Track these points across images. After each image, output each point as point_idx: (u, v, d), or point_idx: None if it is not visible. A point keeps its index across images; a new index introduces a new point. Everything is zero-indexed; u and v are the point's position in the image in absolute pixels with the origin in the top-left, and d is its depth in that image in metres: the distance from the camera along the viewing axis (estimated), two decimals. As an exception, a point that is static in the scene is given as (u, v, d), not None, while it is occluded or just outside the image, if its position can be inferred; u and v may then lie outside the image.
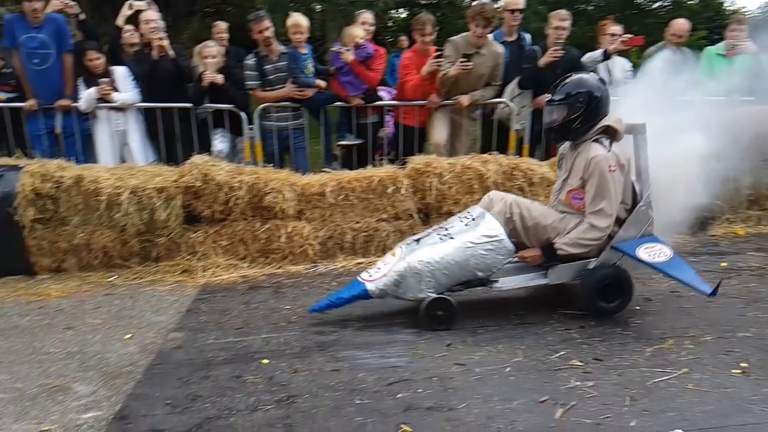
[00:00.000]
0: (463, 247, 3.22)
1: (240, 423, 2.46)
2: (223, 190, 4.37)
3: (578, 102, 3.19)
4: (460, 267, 3.22)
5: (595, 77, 3.35)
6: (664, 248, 3.19)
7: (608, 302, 3.27)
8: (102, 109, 5.02)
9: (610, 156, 3.13)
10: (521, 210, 3.30)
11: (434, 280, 3.22)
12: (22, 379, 2.85)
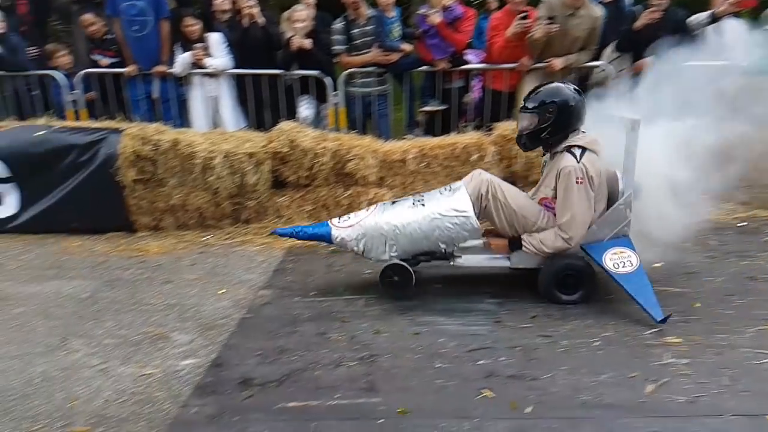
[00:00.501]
0: (431, 217, 3.16)
1: (324, 376, 2.55)
2: (308, 156, 4.46)
3: (548, 112, 3.08)
4: (424, 236, 3.17)
5: (570, 88, 3.14)
6: (631, 257, 3.02)
7: (568, 293, 3.13)
8: (196, 74, 5.22)
9: (577, 167, 2.99)
10: (496, 191, 3.20)
11: (398, 244, 3.20)
12: (126, 327, 3.09)
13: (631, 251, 3.05)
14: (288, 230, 3.48)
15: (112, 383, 2.54)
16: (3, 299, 3.41)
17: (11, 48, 5.16)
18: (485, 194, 3.21)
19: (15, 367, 2.68)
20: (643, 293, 2.91)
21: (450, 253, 3.28)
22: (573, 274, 3.11)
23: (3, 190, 4.55)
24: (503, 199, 3.19)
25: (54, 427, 2.23)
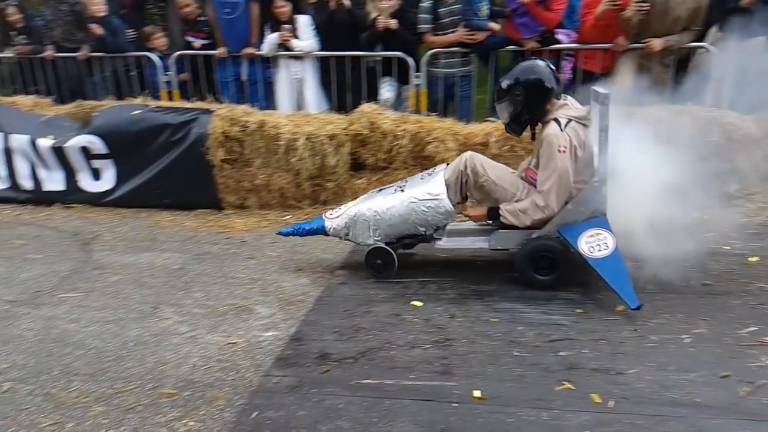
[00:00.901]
0: (407, 202, 3.24)
1: (399, 356, 2.56)
2: (387, 139, 4.45)
3: (517, 96, 3.06)
4: (403, 220, 3.25)
5: (530, 62, 3.18)
6: (607, 239, 2.92)
7: (544, 274, 3.09)
8: (282, 56, 5.33)
9: (561, 136, 2.93)
10: (475, 165, 3.21)
11: (380, 229, 3.29)
12: (213, 298, 3.24)
13: (608, 232, 2.94)
14: (290, 229, 3.60)
15: (199, 350, 2.67)
16: (100, 268, 3.66)
17: (112, 30, 5.47)
18: (464, 170, 3.24)
19: (111, 330, 2.87)
20: (618, 279, 2.82)
21: (431, 236, 3.32)
22: (548, 256, 3.06)
23: (101, 165, 4.86)
24: (482, 171, 3.20)
25: (145, 389, 2.38)
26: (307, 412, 2.19)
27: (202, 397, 2.31)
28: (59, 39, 5.47)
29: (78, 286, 3.38)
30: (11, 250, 3.98)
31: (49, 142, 4.79)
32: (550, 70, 3.07)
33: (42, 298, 3.24)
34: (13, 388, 2.38)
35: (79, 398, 2.30)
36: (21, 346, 2.72)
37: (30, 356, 2.63)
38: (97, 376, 2.46)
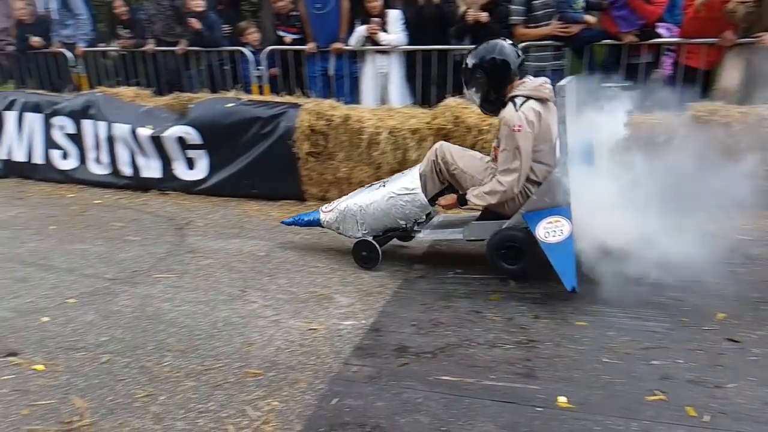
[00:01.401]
0: (387, 197, 3.39)
1: (479, 355, 2.51)
2: (471, 133, 4.37)
3: (478, 79, 3.14)
4: (384, 214, 3.41)
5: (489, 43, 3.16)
6: (564, 226, 2.92)
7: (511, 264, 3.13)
8: (369, 50, 5.36)
9: (516, 115, 2.98)
10: (445, 154, 3.34)
11: (366, 223, 3.46)
12: (296, 285, 3.31)
13: (566, 220, 2.94)
14: (291, 219, 3.85)
15: (282, 334, 2.75)
16: (192, 251, 3.84)
17: (209, 25, 5.71)
18: (436, 159, 3.37)
19: (202, 311, 3.01)
20: (563, 261, 2.85)
21: (411, 229, 3.48)
22: (514, 246, 3.10)
23: (196, 155, 5.11)
24: (452, 159, 3.32)
25: (232, 367, 2.47)
26: (385, 403, 2.19)
27: (285, 379, 2.37)
28: (159, 33, 5.80)
29: (172, 268, 3.57)
30: (112, 232, 4.27)
31: (148, 132, 5.09)
32: (510, 48, 3.13)
33: (139, 277, 3.45)
34: (111, 360, 2.53)
35: (171, 373, 2.42)
36: (119, 322, 2.90)
37: (127, 331, 2.80)
38: (188, 353, 2.58)
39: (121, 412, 2.16)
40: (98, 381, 2.37)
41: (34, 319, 2.90)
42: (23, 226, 4.43)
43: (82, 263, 3.65)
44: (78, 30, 6.14)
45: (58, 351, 2.60)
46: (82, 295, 3.19)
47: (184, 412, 2.16)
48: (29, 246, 3.97)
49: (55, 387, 2.32)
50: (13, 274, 3.48)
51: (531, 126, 2.98)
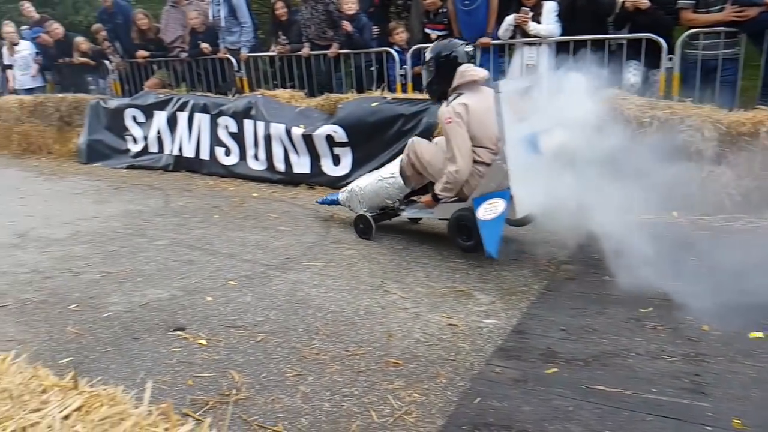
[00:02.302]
0: (377, 180, 3.99)
1: (639, 366, 2.28)
2: (631, 126, 4.04)
3: (430, 67, 3.62)
4: (376, 195, 3.99)
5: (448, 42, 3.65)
6: (500, 206, 3.21)
7: (466, 240, 3.51)
8: (518, 43, 5.18)
9: (446, 110, 3.42)
10: (415, 149, 3.72)
11: (365, 201, 4.04)
12: (434, 279, 3.29)
13: (503, 201, 3.22)
14: (321, 199, 4.48)
15: (421, 326, 2.72)
16: (336, 242, 3.98)
17: (360, 28, 5.89)
18: (409, 153, 3.76)
19: (345, 298, 3.09)
20: (491, 232, 3.17)
21: (398, 207, 3.99)
22: (466, 225, 3.44)
23: (341, 152, 5.32)
24: (420, 153, 3.70)
25: (374, 355, 2.49)
26: (532, 408, 2.07)
27: (425, 372, 2.34)
28: (313, 37, 6.09)
29: (319, 257, 3.72)
30: (266, 222, 4.56)
31: (300, 131, 5.38)
32: (462, 51, 3.54)
33: (290, 264, 3.64)
34: (266, 339, 2.68)
35: (318, 355, 2.51)
36: (273, 304, 3.07)
37: (279, 313, 2.96)
38: (333, 338, 2.66)
39: (274, 389, 2.27)
40: (254, 358, 2.52)
41: (199, 298, 3.18)
42: (191, 214, 4.90)
43: (241, 249, 3.94)
44: (242, 37, 6.67)
45: (220, 328, 2.82)
46: (241, 278, 3.44)
47: (330, 394, 2.22)
48: (196, 232, 4.38)
49: (216, 361, 2.51)
50: (182, 257, 3.85)
51: (459, 116, 3.37)
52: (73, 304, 3.14)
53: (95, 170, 6.97)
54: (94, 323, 2.91)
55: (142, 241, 4.19)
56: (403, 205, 4.00)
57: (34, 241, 4.26)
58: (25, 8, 9.07)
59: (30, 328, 2.87)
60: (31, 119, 7.91)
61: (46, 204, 5.40)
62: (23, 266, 3.74)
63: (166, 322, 2.90)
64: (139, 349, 2.63)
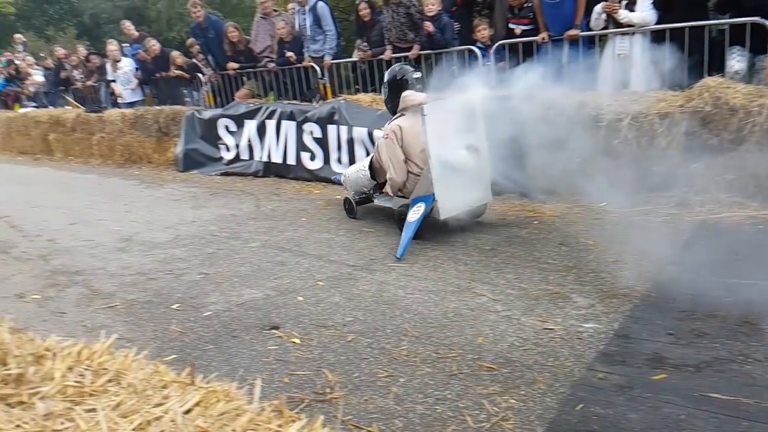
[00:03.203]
0: (357, 170, 4.69)
1: (758, 373, 2.10)
2: (737, 116, 3.75)
3: (385, 88, 4.37)
4: (356, 182, 4.66)
5: (398, 67, 4.39)
6: (421, 210, 3.88)
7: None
8: (610, 34, 4.94)
9: (387, 128, 4.25)
10: (378, 151, 4.34)
11: (350, 185, 4.77)
12: (525, 281, 3.18)
13: (425, 205, 3.87)
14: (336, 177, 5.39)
15: (515, 330, 2.64)
16: (421, 243, 3.94)
17: (441, 27, 5.84)
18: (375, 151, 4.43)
19: (432, 300, 3.05)
20: (406, 234, 3.81)
21: (371, 194, 4.64)
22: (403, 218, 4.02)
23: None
24: (380, 153, 4.28)
25: (466, 358, 2.44)
26: (640, 416, 1.94)
27: (522, 377, 2.26)
28: (394, 40, 6.12)
29: (404, 258, 3.71)
30: (351, 224, 4.62)
31: (382, 133, 5.41)
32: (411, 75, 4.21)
33: (375, 265, 3.66)
34: (356, 339, 2.70)
35: (408, 357, 2.49)
36: (360, 304, 3.09)
37: (367, 313, 2.97)
38: (422, 339, 2.63)
39: (366, 389, 2.28)
40: (345, 358, 2.54)
41: (291, 298, 3.26)
42: (280, 217, 5.05)
43: (328, 250, 4.02)
44: (325, 45, 6.82)
45: (311, 327, 2.87)
46: (329, 278, 3.50)
47: (422, 396, 2.19)
48: (286, 235, 4.51)
49: (309, 360, 2.55)
50: (274, 258, 3.97)
51: (394, 135, 4.08)
52: (176, 303, 3.31)
53: (191, 177, 7.36)
54: (195, 322, 3.05)
55: (237, 244, 4.36)
56: (375, 193, 4.63)
57: (138, 244, 4.56)
58: (126, 26, 9.78)
59: (137, 327, 3.06)
60: (132, 131, 8.48)
61: (148, 210, 5.76)
62: (129, 268, 4.00)
63: (262, 321, 2.99)
64: (238, 347, 2.72)
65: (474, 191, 4.05)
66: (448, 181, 3.83)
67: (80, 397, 0.89)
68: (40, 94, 11.69)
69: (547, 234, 3.87)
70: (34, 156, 10.66)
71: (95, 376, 0.94)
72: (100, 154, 9.17)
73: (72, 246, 4.62)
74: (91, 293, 3.58)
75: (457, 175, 3.86)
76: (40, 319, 3.19)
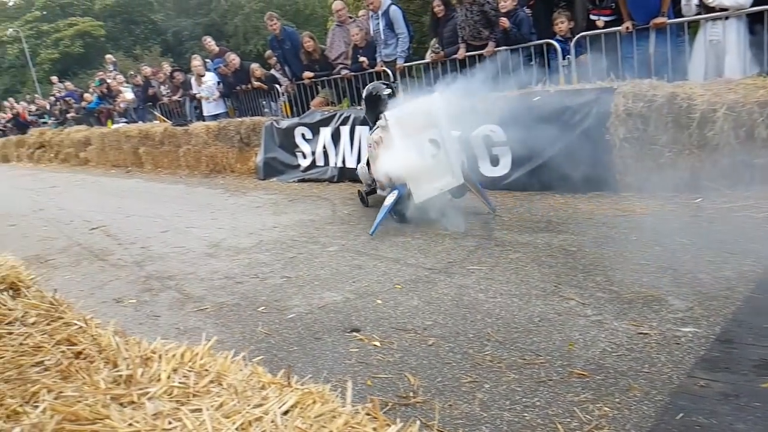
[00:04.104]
0: (361, 166, 5.53)
1: None
2: None
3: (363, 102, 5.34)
4: (365, 175, 5.41)
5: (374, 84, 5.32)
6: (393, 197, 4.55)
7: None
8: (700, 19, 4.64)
9: (370, 137, 5.03)
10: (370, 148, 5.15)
11: (362, 179, 5.56)
12: (617, 284, 3.02)
13: (398, 192, 4.54)
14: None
15: (607, 335, 2.51)
16: (501, 245, 3.86)
17: (517, 23, 5.71)
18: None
19: (516, 304, 2.97)
20: (379, 215, 4.57)
21: (374, 187, 5.19)
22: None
23: (500, 152, 5.18)
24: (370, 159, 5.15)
25: (555, 365, 2.35)
26: (748, 426, 1.80)
27: (615, 385, 2.15)
28: (468, 38, 6.03)
29: (483, 260, 3.64)
30: (425, 227, 4.58)
31: (456, 134, 5.34)
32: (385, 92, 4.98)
33: (454, 268, 3.61)
34: (437, 344, 2.67)
35: (492, 362, 2.43)
36: (440, 308, 3.05)
37: (447, 317, 2.93)
38: (507, 345, 2.56)
39: (450, 394, 2.24)
40: (427, 362, 2.51)
41: (370, 301, 3.27)
42: (356, 221, 5.11)
43: (404, 253, 4.01)
44: (397, 48, 6.85)
45: (391, 330, 2.87)
46: (407, 282, 3.48)
47: (509, 403, 2.13)
48: (362, 238, 4.55)
49: (391, 363, 2.55)
50: (351, 261, 4.01)
51: (376, 144, 4.72)
52: (261, 306, 3.42)
53: (271, 185, 7.61)
54: (280, 324, 3.13)
55: (316, 248, 4.45)
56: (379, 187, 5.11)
57: (225, 250, 4.75)
58: (207, 42, 10.26)
59: (226, 329, 3.17)
60: (216, 142, 8.88)
61: (232, 217, 6.00)
62: (217, 273, 4.17)
63: (343, 323, 3.02)
64: (321, 349, 2.77)
65: (443, 177, 4.49)
66: (416, 170, 4.40)
67: (185, 398, 0.92)
68: (130, 110, 12.50)
69: (639, 233, 3.67)
70: (126, 168, 11.39)
71: (198, 378, 0.98)
72: (187, 165, 9.67)
73: (164, 252, 4.89)
74: (183, 297, 3.76)
75: (424, 164, 4.40)
76: (137, 323, 3.39)
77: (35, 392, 0.98)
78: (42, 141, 15.34)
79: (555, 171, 4.72)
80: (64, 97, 15.49)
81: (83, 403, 0.88)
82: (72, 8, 37.97)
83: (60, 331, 1.25)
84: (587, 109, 4.42)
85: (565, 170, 4.63)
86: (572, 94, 4.62)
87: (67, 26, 36.28)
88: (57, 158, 14.53)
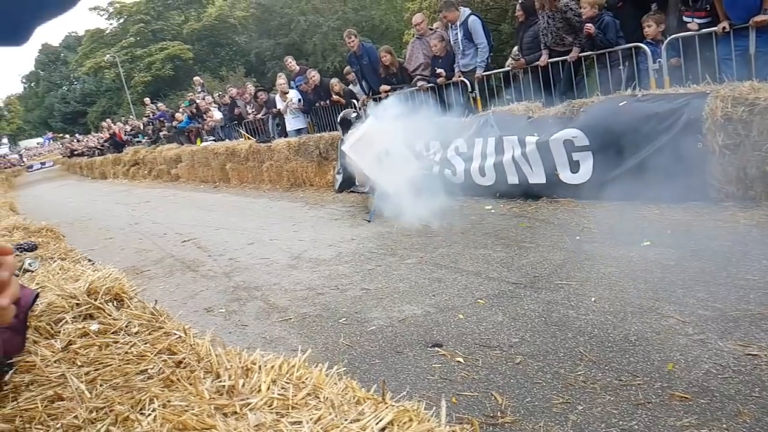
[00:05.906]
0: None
1: None
2: None
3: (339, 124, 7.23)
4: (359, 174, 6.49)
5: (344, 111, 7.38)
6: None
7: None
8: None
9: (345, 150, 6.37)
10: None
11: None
12: (720, 300, 2.81)
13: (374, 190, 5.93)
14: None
15: (711, 356, 2.33)
16: (590, 259, 3.69)
17: (602, 27, 5.51)
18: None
19: (610, 321, 2.81)
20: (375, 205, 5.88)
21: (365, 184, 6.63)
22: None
23: (581, 157, 4.95)
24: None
25: (654, 387, 2.20)
26: None
27: (722, 409, 1.98)
28: (551, 45, 5.88)
29: (572, 275, 3.49)
30: (507, 239, 4.47)
31: (534, 139, 5.19)
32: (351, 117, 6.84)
33: (540, 282, 3.48)
34: (524, 362, 2.57)
35: (585, 383, 2.31)
36: (527, 325, 2.95)
37: (535, 335, 2.82)
38: (601, 365, 2.43)
39: (540, 415, 2.15)
40: (514, 381, 2.43)
41: (451, 315, 3.22)
42: (433, 233, 5.06)
43: (486, 267, 3.92)
44: (476, 58, 6.79)
45: (475, 347, 2.80)
46: (490, 296, 3.40)
47: (605, 426, 2.02)
48: (441, 251, 4.50)
49: (476, 380, 2.48)
50: (430, 275, 3.97)
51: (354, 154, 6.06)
52: (342, 318, 3.45)
53: (348, 197, 7.72)
54: (361, 336, 3.14)
55: (394, 260, 4.45)
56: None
57: (306, 261, 4.85)
58: (288, 62, 10.64)
59: (309, 339, 3.22)
60: (297, 157, 9.15)
61: (313, 229, 6.14)
62: (300, 284, 4.26)
63: (424, 337, 2.99)
64: (403, 363, 2.74)
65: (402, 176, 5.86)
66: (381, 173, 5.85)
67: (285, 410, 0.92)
68: (217, 128, 13.17)
69: (743, 246, 3.41)
70: (214, 184, 11.97)
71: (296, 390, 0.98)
72: (270, 179, 10.02)
73: (250, 264, 5.06)
74: (269, 307, 3.86)
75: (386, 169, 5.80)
76: (226, 331, 3.51)
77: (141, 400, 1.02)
78: (136, 159, 16.49)
79: (644, 179, 4.46)
80: (157, 118, 16.57)
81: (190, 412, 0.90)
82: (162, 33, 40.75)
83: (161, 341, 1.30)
84: (677, 115, 4.16)
85: (655, 178, 4.38)
86: (660, 100, 4.36)
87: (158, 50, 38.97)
88: (150, 175, 15.55)
